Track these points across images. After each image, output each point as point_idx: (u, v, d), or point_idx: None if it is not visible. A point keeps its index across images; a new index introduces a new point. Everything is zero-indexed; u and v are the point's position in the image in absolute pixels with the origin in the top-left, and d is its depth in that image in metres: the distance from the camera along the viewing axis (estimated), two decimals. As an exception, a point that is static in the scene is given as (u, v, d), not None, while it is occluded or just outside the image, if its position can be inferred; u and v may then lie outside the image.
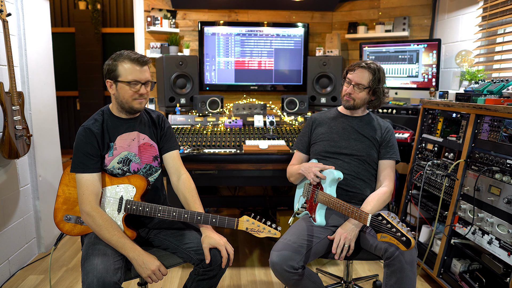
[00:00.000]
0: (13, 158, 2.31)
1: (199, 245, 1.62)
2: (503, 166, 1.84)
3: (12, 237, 2.47)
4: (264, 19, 3.61)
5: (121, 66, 1.61)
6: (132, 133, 1.71)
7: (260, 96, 3.64)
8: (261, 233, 1.60)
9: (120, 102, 1.65)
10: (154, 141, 1.78)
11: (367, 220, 1.55)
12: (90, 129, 1.63)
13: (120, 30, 5.75)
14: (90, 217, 1.55)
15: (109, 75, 1.63)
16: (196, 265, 1.62)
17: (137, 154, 1.71)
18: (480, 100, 2.08)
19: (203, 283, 1.62)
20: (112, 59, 1.63)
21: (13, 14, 2.44)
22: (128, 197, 1.63)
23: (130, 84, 1.60)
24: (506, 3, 2.46)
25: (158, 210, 1.61)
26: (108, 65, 1.63)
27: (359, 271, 2.58)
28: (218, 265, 1.59)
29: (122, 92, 1.62)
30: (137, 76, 1.61)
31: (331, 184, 1.76)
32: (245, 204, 3.66)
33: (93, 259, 1.45)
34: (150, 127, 1.79)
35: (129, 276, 1.58)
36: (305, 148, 2.06)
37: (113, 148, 1.66)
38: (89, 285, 1.37)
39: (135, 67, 1.61)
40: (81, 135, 1.63)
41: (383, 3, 3.47)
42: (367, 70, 1.89)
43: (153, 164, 1.76)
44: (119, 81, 1.61)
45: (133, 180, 1.65)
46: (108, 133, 1.67)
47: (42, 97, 2.75)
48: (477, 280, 2.05)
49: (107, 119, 1.69)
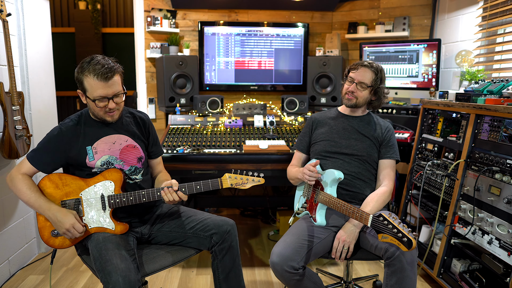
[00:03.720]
0: (13, 158, 2.31)
1: (203, 223, 1.68)
2: (503, 166, 1.84)
3: (12, 237, 2.47)
4: (264, 19, 3.61)
5: (86, 80, 1.55)
6: (112, 136, 1.69)
7: (260, 96, 3.64)
8: (246, 184, 1.63)
9: (92, 113, 1.66)
10: (138, 142, 1.75)
11: (368, 221, 1.55)
12: (63, 134, 1.63)
13: (120, 30, 5.75)
14: (12, 181, 1.61)
15: (78, 85, 1.59)
16: (211, 246, 1.67)
17: (118, 157, 1.69)
18: (480, 100, 2.08)
19: (224, 261, 1.67)
20: (81, 68, 1.57)
21: (13, 14, 2.44)
22: (109, 192, 1.62)
23: (96, 101, 1.56)
24: (506, 3, 2.46)
25: (142, 195, 1.62)
26: (76, 74, 1.58)
27: (359, 271, 2.58)
28: (228, 232, 1.66)
29: (92, 106, 1.61)
30: (103, 93, 1.55)
31: (331, 184, 1.76)
32: (245, 204, 3.67)
33: (112, 259, 1.44)
34: (133, 128, 1.76)
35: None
36: (305, 148, 2.06)
37: (92, 152, 1.64)
38: (115, 284, 1.36)
39: (100, 82, 1.53)
40: (54, 134, 1.64)
41: (383, 3, 3.47)
42: (370, 69, 1.90)
43: (138, 166, 1.75)
44: (87, 96, 1.58)
45: (108, 175, 1.64)
46: (85, 137, 1.65)
47: (42, 97, 2.75)
48: (477, 280, 2.05)
49: (85, 122, 1.68)
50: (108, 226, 1.62)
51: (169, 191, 1.60)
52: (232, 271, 1.69)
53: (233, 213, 3.70)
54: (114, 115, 1.64)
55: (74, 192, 1.63)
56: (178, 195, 1.60)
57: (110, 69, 1.55)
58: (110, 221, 1.61)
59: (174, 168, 2.31)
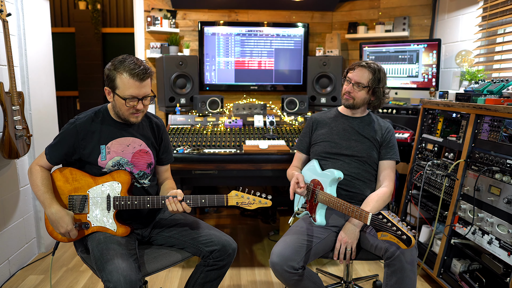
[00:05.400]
0: (13, 158, 2.31)
1: (207, 237, 1.65)
2: (503, 166, 1.84)
3: (12, 237, 2.47)
4: (264, 19, 3.61)
5: (119, 78, 1.54)
6: (127, 138, 1.69)
7: (260, 96, 3.64)
8: (252, 205, 1.59)
9: (117, 111, 1.63)
10: (151, 148, 1.75)
11: (368, 219, 1.55)
12: (77, 129, 1.62)
13: (120, 30, 5.74)
14: (30, 173, 1.65)
15: (108, 83, 1.58)
16: (206, 257, 1.65)
17: (129, 160, 1.68)
18: (480, 100, 2.08)
19: (211, 273, 1.65)
20: (113, 65, 1.56)
21: (13, 14, 2.44)
22: (115, 193, 1.62)
23: (127, 100, 1.55)
24: (506, 3, 2.46)
25: (147, 201, 1.61)
26: (108, 71, 1.57)
27: (359, 271, 2.58)
28: (228, 254, 1.63)
29: (119, 104, 1.59)
30: (134, 92, 1.55)
31: (331, 183, 1.77)
32: (245, 204, 3.66)
33: (114, 259, 1.44)
34: (148, 133, 1.76)
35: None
36: (306, 149, 2.06)
37: (105, 151, 1.64)
38: (116, 283, 1.36)
39: (134, 82, 1.53)
40: (68, 129, 1.63)
41: (383, 3, 3.47)
42: (367, 69, 1.89)
43: (146, 171, 1.74)
44: (116, 93, 1.56)
45: (117, 176, 1.63)
46: (100, 135, 1.64)
47: (42, 97, 2.75)
48: (477, 280, 2.05)
49: (102, 120, 1.67)
50: (110, 227, 1.62)
51: (173, 200, 1.58)
52: (210, 283, 1.68)
53: (233, 213, 3.70)
54: (139, 117, 1.63)
55: (82, 188, 1.64)
56: (182, 206, 1.58)
57: (145, 70, 1.55)
58: (113, 222, 1.61)
59: (174, 168, 2.30)
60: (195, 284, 1.68)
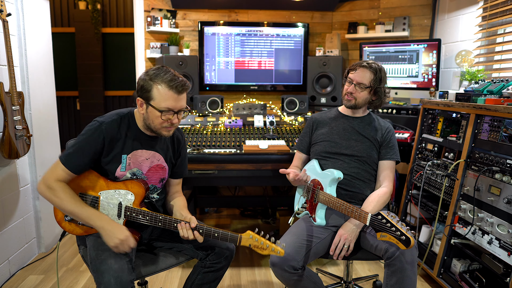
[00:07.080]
0: (13, 158, 2.31)
1: (205, 243, 1.64)
2: (503, 166, 1.84)
3: (12, 237, 2.47)
4: (264, 19, 3.61)
5: (156, 89, 1.45)
6: (148, 151, 1.61)
7: (260, 96, 3.64)
8: (264, 250, 1.52)
9: (148, 124, 1.53)
10: (168, 163, 1.69)
11: (367, 219, 1.55)
12: (104, 134, 1.50)
13: (120, 30, 5.75)
14: (51, 190, 1.46)
15: (141, 93, 1.48)
16: (203, 259, 1.64)
17: (144, 173, 1.62)
18: (480, 100, 2.08)
19: (208, 275, 1.64)
20: (149, 76, 1.47)
21: (13, 14, 2.44)
22: (127, 203, 1.55)
23: (162, 112, 1.47)
24: (506, 3, 2.46)
25: (159, 220, 1.54)
26: (143, 82, 1.48)
27: (359, 271, 2.58)
28: (225, 257, 1.62)
29: (152, 117, 1.50)
30: (171, 105, 1.46)
31: (331, 183, 1.77)
32: (245, 204, 3.66)
33: (107, 259, 1.43)
34: (168, 147, 1.70)
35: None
36: (306, 149, 2.06)
37: (126, 162, 1.57)
38: (107, 284, 1.35)
39: (172, 94, 1.45)
40: (93, 133, 1.50)
41: (383, 3, 3.47)
42: (368, 69, 1.89)
43: (157, 186, 1.70)
44: (151, 105, 1.47)
45: (131, 186, 1.57)
46: (125, 143, 1.56)
47: (42, 97, 2.75)
48: (477, 280, 2.05)
49: (128, 128, 1.57)
50: None
51: (185, 226, 1.51)
52: (207, 285, 1.66)
53: (233, 213, 3.70)
54: (171, 131, 1.55)
55: (93, 188, 1.56)
56: (194, 234, 1.51)
57: (184, 82, 1.48)
58: None
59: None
60: (192, 285, 1.68)
